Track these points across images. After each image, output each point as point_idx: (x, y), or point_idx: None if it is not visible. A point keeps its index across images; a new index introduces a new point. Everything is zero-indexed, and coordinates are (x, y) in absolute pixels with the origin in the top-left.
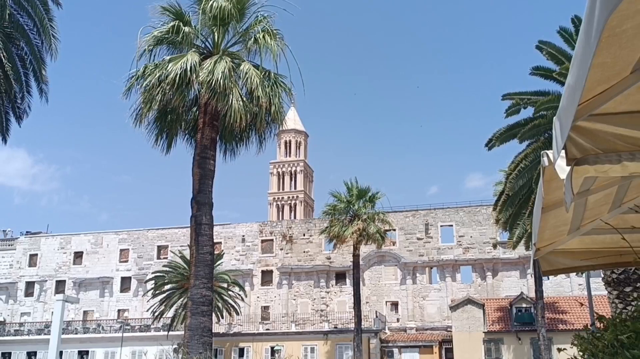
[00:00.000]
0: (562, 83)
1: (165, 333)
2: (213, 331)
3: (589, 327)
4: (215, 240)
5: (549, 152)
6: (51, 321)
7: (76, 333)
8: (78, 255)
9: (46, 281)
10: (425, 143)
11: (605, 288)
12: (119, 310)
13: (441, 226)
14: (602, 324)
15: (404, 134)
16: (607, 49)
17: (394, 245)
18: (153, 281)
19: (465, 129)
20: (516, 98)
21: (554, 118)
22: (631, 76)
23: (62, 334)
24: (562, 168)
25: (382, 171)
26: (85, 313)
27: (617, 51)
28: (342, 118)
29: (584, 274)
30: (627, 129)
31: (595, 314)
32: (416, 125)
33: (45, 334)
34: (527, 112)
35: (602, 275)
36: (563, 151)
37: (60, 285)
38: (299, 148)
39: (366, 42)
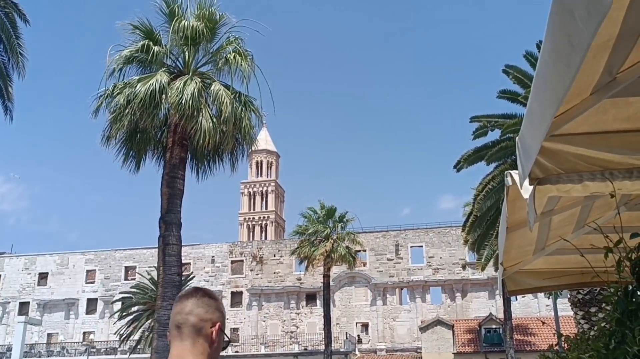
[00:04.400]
0: None
1: (132, 355)
2: None
3: (554, 347)
4: (184, 261)
5: (513, 172)
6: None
7: (40, 356)
8: (43, 276)
9: (9, 302)
10: (400, 164)
11: (572, 309)
12: (84, 333)
13: (411, 247)
14: (566, 345)
15: (378, 156)
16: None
17: (364, 265)
18: (120, 303)
19: (438, 151)
20: (484, 121)
21: (517, 138)
22: (591, 97)
23: (25, 357)
24: (525, 188)
25: (355, 192)
26: (49, 335)
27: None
28: (314, 139)
29: (551, 295)
30: (587, 149)
31: (560, 334)
32: (388, 146)
33: (7, 358)
34: (495, 134)
35: (569, 296)
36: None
37: (23, 307)
38: (271, 169)
39: (336, 64)
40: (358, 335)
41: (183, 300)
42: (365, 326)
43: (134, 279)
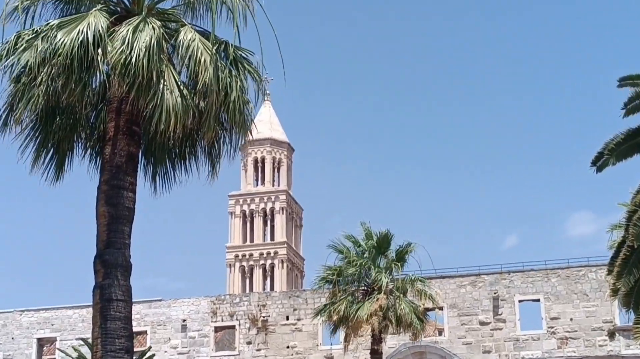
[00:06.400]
0: None
1: None
2: None
3: None
4: (137, 329)
5: None
6: None
7: None
8: None
9: None
10: (497, 166)
11: None
12: None
13: (520, 301)
14: None
15: (458, 152)
16: None
17: (440, 334)
18: None
19: (564, 140)
20: None
21: None
22: None
23: None
24: None
25: (421, 210)
26: None
27: None
28: (351, 126)
29: None
30: None
31: None
32: (476, 138)
33: None
34: None
35: None
36: None
37: None
38: (279, 171)
39: (389, 18)
40: None
41: None
42: None
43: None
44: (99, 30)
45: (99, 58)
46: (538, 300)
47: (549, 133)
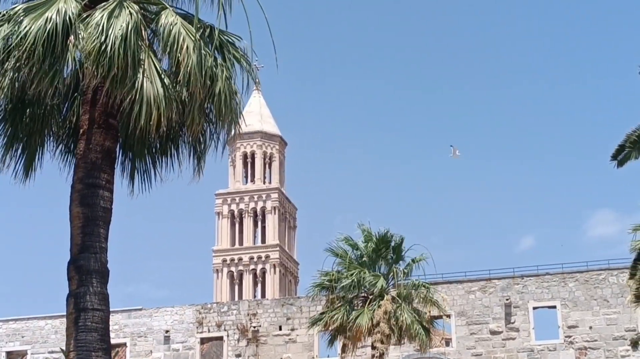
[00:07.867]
0: None
1: None
2: None
3: None
4: (115, 341)
5: None
6: None
7: None
8: None
9: None
10: (511, 163)
11: None
12: None
13: (535, 308)
14: None
15: (469, 150)
16: None
17: (447, 344)
18: None
19: (580, 134)
20: None
21: None
22: None
23: None
24: None
25: (427, 212)
26: None
27: None
28: (349, 118)
29: None
30: None
31: None
32: (486, 133)
33: None
34: None
35: None
36: None
37: None
38: (270, 167)
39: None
40: None
41: None
42: None
43: None
44: (70, 17)
45: (70, 45)
46: (554, 307)
47: (566, 124)
